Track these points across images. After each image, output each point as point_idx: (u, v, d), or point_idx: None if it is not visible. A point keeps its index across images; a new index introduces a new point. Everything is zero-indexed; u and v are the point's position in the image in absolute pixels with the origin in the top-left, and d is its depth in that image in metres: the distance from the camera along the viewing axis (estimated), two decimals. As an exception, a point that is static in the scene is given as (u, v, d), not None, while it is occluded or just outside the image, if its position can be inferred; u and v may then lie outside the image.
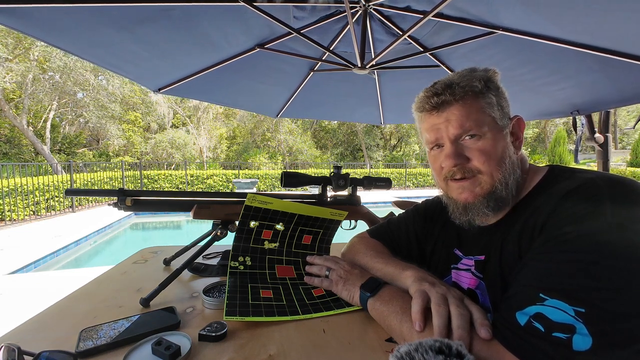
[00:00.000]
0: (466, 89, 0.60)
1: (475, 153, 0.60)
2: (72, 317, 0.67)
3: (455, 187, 0.63)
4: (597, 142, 2.77)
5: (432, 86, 0.64)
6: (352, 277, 0.73)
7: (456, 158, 0.60)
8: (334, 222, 0.94)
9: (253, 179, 11.86)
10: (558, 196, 0.53)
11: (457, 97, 0.60)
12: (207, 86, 2.41)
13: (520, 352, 0.43)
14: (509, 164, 0.60)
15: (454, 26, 1.73)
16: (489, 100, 0.61)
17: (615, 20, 1.31)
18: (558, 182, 0.56)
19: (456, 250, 0.72)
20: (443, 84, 0.62)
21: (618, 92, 1.89)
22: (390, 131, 22.42)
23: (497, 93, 0.62)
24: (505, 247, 0.59)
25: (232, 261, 0.81)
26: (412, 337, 0.52)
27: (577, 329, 0.40)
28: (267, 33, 1.93)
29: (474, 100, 0.60)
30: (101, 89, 14.95)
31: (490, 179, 0.60)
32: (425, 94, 0.64)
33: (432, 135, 0.64)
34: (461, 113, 0.60)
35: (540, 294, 0.45)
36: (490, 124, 0.60)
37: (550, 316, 0.42)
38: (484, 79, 0.61)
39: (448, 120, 0.61)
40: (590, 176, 0.53)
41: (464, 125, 0.59)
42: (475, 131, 0.59)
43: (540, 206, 0.55)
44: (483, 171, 0.60)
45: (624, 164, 17.42)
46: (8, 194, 6.60)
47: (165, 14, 1.50)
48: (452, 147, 0.61)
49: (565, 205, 0.51)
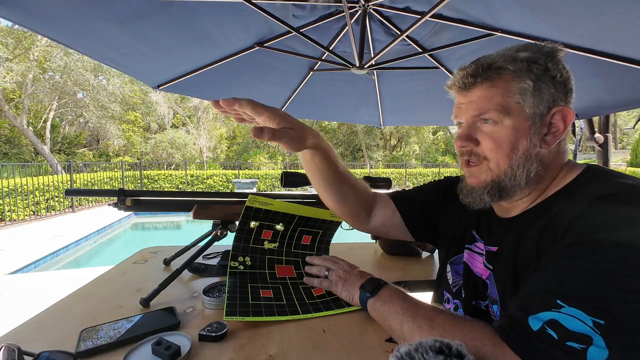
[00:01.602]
0: (500, 70, 0.56)
1: (486, 138, 0.58)
2: (72, 317, 0.67)
3: (466, 170, 0.64)
4: (597, 142, 2.77)
5: (469, 64, 0.61)
6: (352, 277, 0.73)
7: (464, 140, 0.59)
8: (334, 223, 0.95)
9: (253, 179, 11.85)
10: (591, 199, 0.48)
11: (485, 78, 0.57)
12: (206, 84, 2.41)
13: (530, 358, 0.42)
14: (523, 156, 0.56)
15: (453, 27, 1.74)
16: (524, 85, 0.55)
17: (613, 24, 1.31)
18: (593, 184, 0.52)
19: (473, 231, 0.71)
20: (478, 63, 0.59)
21: (616, 97, 1.89)
22: (390, 131, 22.41)
23: (540, 77, 0.55)
24: (523, 242, 0.56)
25: (232, 261, 0.81)
26: (413, 337, 0.52)
27: (594, 340, 0.39)
28: (266, 31, 1.93)
29: (505, 83, 0.56)
30: (101, 89, 14.97)
31: (496, 168, 0.58)
32: (458, 72, 0.61)
33: (456, 113, 0.63)
34: (484, 95, 0.57)
35: (557, 300, 0.42)
36: (515, 111, 0.55)
37: (566, 324, 0.41)
38: (528, 60, 0.55)
39: (470, 102, 0.59)
40: (632, 182, 0.49)
41: (481, 108, 0.57)
42: (491, 116, 0.56)
43: (568, 207, 0.51)
44: (489, 158, 0.58)
45: (624, 163, 17.42)
46: (8, 194, 6.61)
47: (164, 9, 1.50)
48: (464, 129, 0.60)
49: (600, 210, 0.46)
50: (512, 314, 0.47)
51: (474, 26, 1.63)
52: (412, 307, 0.57)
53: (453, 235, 0.75)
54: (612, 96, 1.89)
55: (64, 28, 1.51)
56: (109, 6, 1.40)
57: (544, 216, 0.55)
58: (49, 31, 1.48)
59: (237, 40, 1.95)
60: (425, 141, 21.88)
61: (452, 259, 0.73)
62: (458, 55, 2.04)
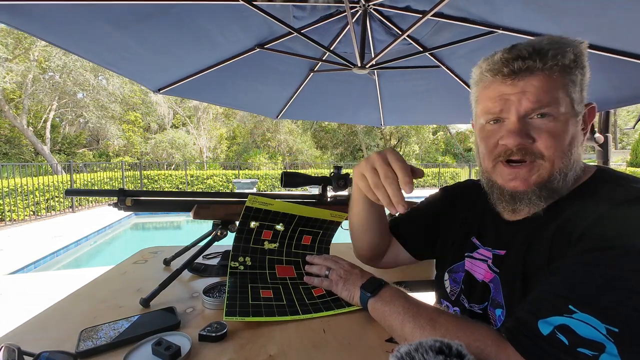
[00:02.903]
0: (557, 58, 0.51)
1: (543, 134, 0.52)
2: (72, 317, 0.67)
3: (506, 173, 0.56)
4: (597, 142, 2.77)
5: (513, 47, 0.54)
6: (352, 277, 0.73)
7: (522, 136, 0.52)
8: (334, 223, 0.94)
9: (253, 179, 11.85)
10: (607, 205, 0.47)
11: (545, 66, 0.51)
12: (207, 86, 2.41)
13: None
14: (575, 155, 0.54)
15: (454, 26, 1.73)
16: (574, 78, 0.52)
17: (615, 19, 1.30)
18: (608, 189, 0.51)
19: (474, 239, 0.69)
20: (531, 47, 0.52)
21: (620, 93, 1.89)
22: (390, 131, 22.40)
23: (583, 72, 0.54)
24: (534, 245, 0.54)
25: (232, 261, 0.81)
26: (414, 337, 0.52)
27: (607, 348, 0.38)
28: (267, 33, 1.93)
29: (561, 75, 0.52)
30: (101, 89, 14.96)
31: (551, 167, 0.53)
32: (505, 55, 0.53)
33: (497, 105, 0.55)
34: (542, 86, 0.51)
35: (569, 305, 0.41)
36: (568, 106, 0.52)
37: (577, 330, 0.40)
38: (575, 52, 0.52)
39: (523, 92, 0.52)
40: None
41: (541, 100, 0.51)
42: (550, 110, 0.51)
43: (583, 210, 0.50)
44: (546, 156, 0.53)
45: (624, 163, 17.42)
46: (8, 194, 6.60)
47: (164, 12, 1.50)
48: (518, 123, 0.53)
49: (617, 216, 0.45)
50: (521, 316, 0.46)
51: (476, 24, 1.63)
52: (414, 307, 0.57)
53: (452, 243, 0.74)
54: (616, 91, 1.88)
55: (65, 32, 1.51)
56: (109, 10, 1.40)
57: (556, 219, 0.53)
58: (49, 36, 1.49)
59: (238, 42, 1.95)
60: (425, 141, 21.87)
61: (451, 267, 0.73)
62: (459, 53, 2.04)
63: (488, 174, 0.61)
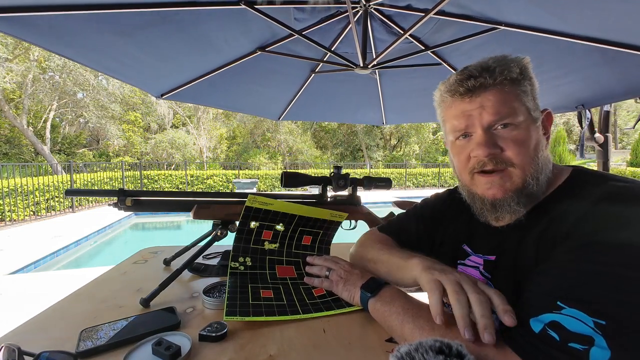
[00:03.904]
0: (504, 73, 0.56)
1: (509, 143, 0.56)
2: (72, 317, 0.67)
3: (483, 182, 0.59)
4: (597, 142, 2.78)
5: (464, 69, 0.59)
6: (353, 277, 0.73)
7: (490, 147, 0.56)
8: (334, 223, 0.94)
9: (253, 179, 11.86)
10: (590, 202, 0.49)
11: (495, 81, 0.56)
12: (209, 91, 2.41)
13: None
14: (542, 159, 0.57)
15: (455, 23, 1.73)
16: (525, 88, 0.57)
17: (619, 12, 1.30)
18: (588, 187, 0.53)
19: (465, 246, 0.70)
20: (479, 66, 0.57)
21: (623, 85, 1.88)
22: (390, 131, 22.41)
23: (531, 82, 0.58)
24: (522, 249, 0.56)
25: (232, 262, 0.81)
26: (414, 338, 0.52)
27: (595, 341, 0.39)
28: (268, 35, 1.94)
29: (511, 87, 0.56)
30: (101, 89, 14.97)
31: (522, 173, 0.56)
32: (459, 77, 0.59)
33: (462, 122, 0.59)
34: (497, 99, 0.56)
35: (558, 302, 0.43)
36: (525, 114, 0.56)
37: (567, 325, 0.41)
38: (520, 66, 0.57)
39: (482, 107, 0.56)
40: (626, 184, 0.50)
41: (500, 112, 0.55)
42: (511, 120, 0.55)
43: (566, 211, 0.52)
44: (516, 163, 0.56)
45: (624, 163, 17.42)
46: (8, 194, 6.60)
47: (166, 19, 1.50)
48: (484, 135, 0.57)
49: (600, 213, 0.47)
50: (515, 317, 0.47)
51: (478, 21, 1.63)
52: (414, 307, 0.57)
53: (446, 254, 0.75)
54: (621, 84, 1.87)
55: (66, 41, 1.51)
56: (111, 18, 1.40)
57: (540, 222, 0.55)
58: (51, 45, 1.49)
59: (239, 45, 1.96)
60: (426, 141, 21.86)
61: None
62: (461, 50, 2.03)
63: (467, 187, 0.64)
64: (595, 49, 1.51)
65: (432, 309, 0.50)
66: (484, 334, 0.44)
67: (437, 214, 0.80)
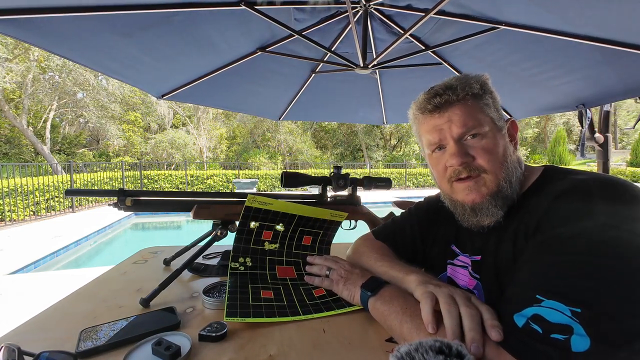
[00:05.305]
0: (466, 89, 0.62)
1: (479, 151, 0.61)
2: (72, 317, 0.67)
3: (461, 189, 0.63)
4: (597, 142, 2.78)
5: (430, 89, 0.66)
6: (353, 276, 0.73)
7: (462, 156, 0.61)
8: (334, 223, 0.94)
9: (253, 179, 11.86)
10: (551, 197, 0.53)
11: (459, 97, 0.62)
12: (209, 91, 2.41)
13: (521, 354, 0.43)
14: (511, 163, 0.62)
15: (455, 23, 1.73)
16: (487, 101, 0.63)
17: (620, 11, 1.30)
18: (552, 183, 0.57)
19: (453, 246, 0.73)
20: (443, 85, 0.64)
21: (623, 84, 1.87)
22: (390, 131, 22.42)
23: (492, 96, 0.64)
24: (501, 248, 0.60)
25: (232, 262, 0.81)
26: (412, 337, 0.52)
27: (574, 329, 0.40)
28: (268, 36, 1.94)
29: (474, 101, 0.62)
30: (101, 89, 14.96)
31: (495, 177, 0.60)
32: (426, 96, 0.65)
33: (435, 136, 0.65)
34: (463, 112, 0.61)
35: (537, 295, 0.45)
36: (491, 124, 0.62)
37: (547, 317, 0.42)
38: (479, 82, 0.64)
39: (450, 120, 0.62)
40: (583, 177, 0.54)
41: (467, 124, 0.61)
42: (478, 130, 0.61)
43: (534, 207, 0.56)
44: (487, 169, 0.60)
45: (624, 163, 17.43)
46: (8, 194, 6.60)
47: (167, 19, 1.50)
48: (456, 146, 0.62)
49: (558, 207, 0.51)
50: (499, 314, 0.49)
51: (478, 20, 1.62)
52: (412, 307, 0.57)
53: (437, 254, 0.77)
54: (622, 83, 1.87)
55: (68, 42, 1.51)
56: (112, 19, 1.40)
57: (514, 220, 0.59)
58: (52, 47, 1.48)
59: (240, 46, 1.96)
60: (425, 141, 21.84)
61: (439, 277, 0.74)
62: (462, 50, 2.03)
63: (448, 195, 0.68)
64: (596, 48, 1.50)
65: (423, 317, 0.52)
66: (470, 347, 0.45)
67: (431, 215, 0.82)
